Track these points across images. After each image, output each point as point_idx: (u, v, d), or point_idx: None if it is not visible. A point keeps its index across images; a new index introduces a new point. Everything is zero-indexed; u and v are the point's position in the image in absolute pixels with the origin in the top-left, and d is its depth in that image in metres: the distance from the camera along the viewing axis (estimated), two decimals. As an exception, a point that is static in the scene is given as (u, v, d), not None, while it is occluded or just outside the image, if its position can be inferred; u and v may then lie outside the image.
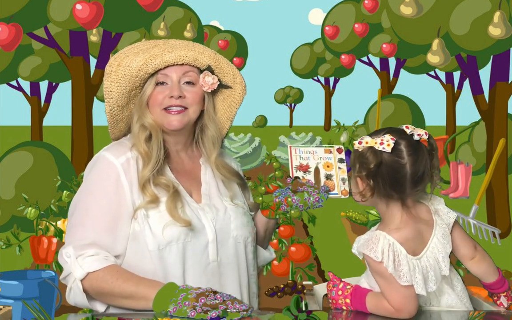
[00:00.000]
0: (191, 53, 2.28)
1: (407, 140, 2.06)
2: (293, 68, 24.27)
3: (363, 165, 2.08)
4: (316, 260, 6.38)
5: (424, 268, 2.07)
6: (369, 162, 2.06)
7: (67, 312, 2.13)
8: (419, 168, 2.06)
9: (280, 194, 2.34)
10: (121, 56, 2.28)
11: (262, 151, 13.19)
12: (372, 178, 2.07)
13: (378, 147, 2.05)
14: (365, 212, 6.38)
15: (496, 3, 7.50)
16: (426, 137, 2.09)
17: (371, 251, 2.05)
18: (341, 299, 2.14)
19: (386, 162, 2.05)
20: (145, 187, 2.22)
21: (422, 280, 2.05)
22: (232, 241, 2.31)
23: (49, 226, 4.92)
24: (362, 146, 2.09)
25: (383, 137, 2.06)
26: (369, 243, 2.06)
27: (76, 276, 2.18)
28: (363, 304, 2.11)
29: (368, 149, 2.07)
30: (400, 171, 2.05)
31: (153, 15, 8.94)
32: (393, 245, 2.05)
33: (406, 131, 2.08)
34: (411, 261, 2.05)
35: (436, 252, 2.10)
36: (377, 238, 2.06)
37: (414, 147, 2.06)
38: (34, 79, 13.66)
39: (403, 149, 2.05)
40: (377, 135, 2.10)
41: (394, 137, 2.06)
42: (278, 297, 4.36)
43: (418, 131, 2.08)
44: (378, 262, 2.03)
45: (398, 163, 2.05)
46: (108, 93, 2.28)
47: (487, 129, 8.51)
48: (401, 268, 2.03)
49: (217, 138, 2.37)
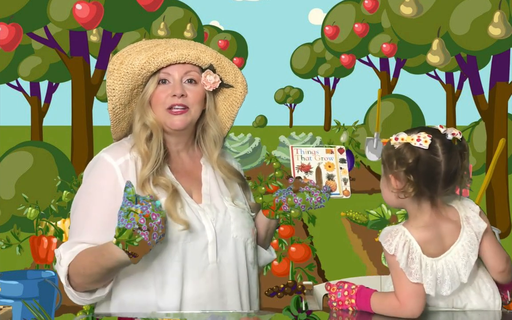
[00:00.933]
0: (193, 51, 2.28)
1: (441, 139, 2.08)
2: (293, 68, 24.27)
3: (401, 161, 2.08)
4: (316, 260, 6.38)
5: (439, 270, 2.08)
6: (407, 158, 2.07)
7: (67, 312, 2.13)
8: (452, 167, 2.08)
9: (282, 194, 2.34)
10: (123, 54, 2.29)
11: (262, 151, 13.19)
12: (412, 173, 2.07)
13: (415, 144, 2.06)
14: (365, 212, 6.38)
15: (496, 3, 7.50)
16: (459, 137, 2.10)
17: (386, 243, 2.08)
18: (347, 299, 2.15)
19: (423, 158, 2.06)
20: (144, 186, 2.22)
21: (433, 281, 2.06)
22: (232, 242, 2.31)
23: (49, 226, 4.92)
24: (398, 142, 2.09)
25: (419, 134, 2.07)
26: (387, 235, 2.10)
27: (62, 281, 2.18)
28: (367, 304, 2.12)
29: (404, 145, 2.08)
30: (436, 168, 2.06)
31: (153, 15, 8.94)
32: (409, 242, 2.08)
33: (440, 130, 2.09)
34: (425, 260, 2.07)
35: (457, 259, 2.10)
36: (396, 232, 2.09)
37: (448, 146, 2.08)
38: (34, 79, 13.66)
39: (438, 147, 2.07)
40: (411, 132, 2.11)
41: (429, 134, 2.07)
42: (278, 297, 4.36)
43: (452, 131, 2.09)
44: (390, 255, 2.06)
45: (434, 160, 2.06)
46: (111, 91, 2.28)
47: (487, 129, 8.52)
48: (413, 265, 2.05)
49: (218, 137, 2.37)
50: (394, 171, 2.10)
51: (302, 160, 2.40)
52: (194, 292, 2.24)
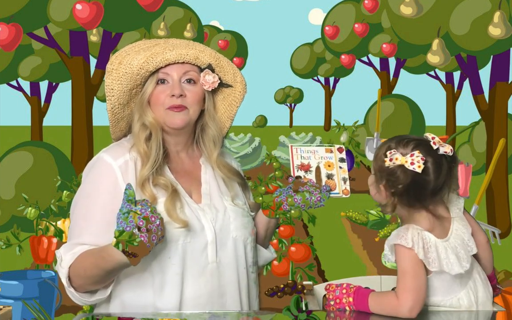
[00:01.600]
0: (192, 51, 2.28)
1: (433, 157, 2.12)
2: (293, 68, 24.27)
3: (391, 182, 2.13)
4: (316, 260, 6.38)
5: (454, 248, 2.13)
6: (399, 181, 2.12)
7: (67, 312, 2.14)
8: (441, 181, 2.13)
9: (282, 194, 2.34)
10: (122, 54, 2.29)
11: (262, 151, 13.18)
12: (400, 195, 2.13)
13: (408, 166, 2.10)
14: (365, 212, 6.39)
15: (496, 3, 7.50)
16: (451, 154, 2.14)
17: (402, 239, 2.10)
18: (345, 297, 2.16)
19: (414, 180, 2.11)
20: (144, 186, 2.22)
21: (456, 259, 2.11)
22: (232, 241, 2.31)
23: (49, 226, 4.92)
24: (392, 163, 2.12)
25: (414, 157, 2.10)
26: (399, 234, 2.12)
27: (63, 282, 2.18)
28: (365, 303, 2.13)
29: (398, 167, 2.12)
30: (425, 187, 2.12)
31: (153, 15, 8.94)
32: (421, 233, 2.12)
33: (433, 146, 2.12)
34: (441, 244, 2.12)
35: (461, 233, 2.17)
36: (406, 228, 2.13)
37: (439, 164, 2.12)
38: (34, 79, 13.65)
39: (430, 166, 2.11)
40: (404, 147, 2.14)
41: (422, 154, 2.10)
42: (278, 297, 4.36)
43: (444, 148, 2.13)
44: (408, 248, 2.08)
45: (424, 180, 2.11)
46: (110, 91, 2.28)
47: (487, 129, 8.51)
48: (430, 254, 2.10)
49: (218, 137, 2.37)
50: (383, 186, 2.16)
51: (302, 160, 2.41)
52: (194, 292, 2.24)
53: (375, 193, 2.21)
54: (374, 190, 2.21)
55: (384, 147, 2.18)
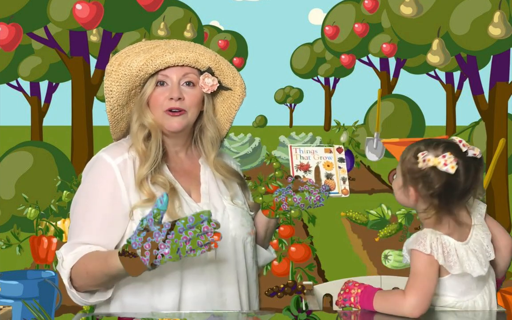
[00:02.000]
0: (191, 54, 2.28)
1: (463, 159, 2.12)
2: (293, 68, 24.28)
3: (428, 184, 2.13)
4: (316, 260, 6.38)
5: (473, 251, 2.14)
6: (434, 183, 2.12)
7: (67, 312, 2.14)
8: (468, 184, 2.14)
9: (281, 194, 2.34)
10: (122, 55, 2.29)
11: (262, 151, 13.19)
12: (437, 197, 2.13)
13: (442, 168, 2.11)
14: (365, 212, 6.38)
15: (496, 3, 7.49)
16: (479, 157, 2.15)
17: (420, 245, 2.10)
18: (354, 289, 2.17)
19: (448, 182, 2.12)
20: (142, 185, 2.23)
21: (476, 261, 2.12)
22: (231, 241, 2.31)
23: (49, 226, 4.92)
24: (425, 164, 2.13)
25: (447, 158, 2.11)
26: (417, 239, 2.13)
27: (64, 282, 2.18)
28: (370, 298, 2.13)
29: (431, 169, 2.12)
30: (456, 188, 2.13)
31: (153, 15, 8.94)
32: (440, 237, 2.12)
33: (462, 148, 2.13)
34: (461, 246, 2.13)
35: (480, 238, 2.18)
36: (425, 234, 2.13)
37: (468, 166, 2.13)
38: (34, 79, 13.66)
39: (460, 169, 2.12)
40: (435, 148, 2.14)
41: (453, 156, 2.11)
42: (278, 297, 4.37)
43: (473, 151, 2.14)
44: (427, 254, 2.09)
45: (456, 182, 2.12)
46: (109, 92, 2.29)
47: (487, 129, 8.51)
48: (450, 258, 2.10)
49: (216, 139, 2.37)
50: (419, 191, 2.15)
51: (301, 160, 2.41)
52: (193, 292, 2.24)
53: (403, 197, 2.21)
54: (402, 194, 2.20)
55: (412, 150, 2.18)
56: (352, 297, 2.16)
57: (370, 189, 11.67)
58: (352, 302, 2.15)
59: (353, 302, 2.15)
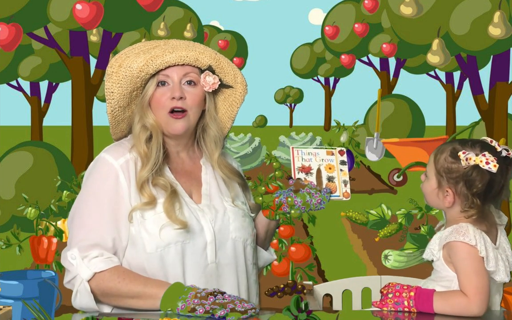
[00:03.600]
0: (192, 53, 2.28)
1: (498, 158, 2.11)
2: (293, 68, 24.29)
3: (470, 184, 2.11)
4: (316, 260, 6.38)
5: (501, 257, 2.14)
6: (477, 182, 2.10)
7: (67, 312, 2.13)
8: (502, 183, 2.13)
9: (282, 195, 2.34)
10: (122, 57, 2.28)
11: (262, 151, 13.18)
12: (479, 197, 2.11)
13: (484, 166, 2.09)
14: (365, 212, 6.38)
15: (496, 3, 7.50)
16: (511, 156, 2.14)
17: (464, 236, 2.08)
18: (406, 292, 2.12)
19: (490, 182, 2.11)
20: (143, 187, 2.23)
21: (503, 266, 2.11)
22: (231, 242, 2.31)
23: (49, 226, 4.92)
24: (467, 162, 2.10)
25: (487, 157, 2.09)
26: (459, 230, 2.10)
27: (83, 277, 2.18)
28: (429, 301, 2.09)
29: (473, 168, 2.10)
30: (494, 187, 2.12)
31: (153, 15, 8.94)
32: (481, 233, 2.11)
33: (497, 147, 2.12)
34: (494, 249, 2.12)
35: (504, 246, 2.18)
36: (466, 226, 2.11)
37: (503, 165, 2.12)
38: (34, 79, 13.67)
39: (498, 168, 2.11)
40: (472, 147, 2.13)
41: (495, 157, 2.10)
42: (278, 297, 4.36)
43: (506, 150, 2.13)
44: (472, 246, 2.07)
45: (495, 180, 2.11)
46: (110, 94, 2.28)
47: (487, 129, 8.51)
48: (490, 253, 2.09)
49: (219, 137, 2.37)
50: (459, 190, 2.12)
51: (303, 162, 2.40)
52: (194, 292, 2.23)
53: (436, 199, 2.18)
54: (436, 196, 2.18)
55: (447, 150, 2.15)
56: (405, 300, 2.11)
57: (370, 189, 11.66)
58: (406, 305, 2.10)
59: (406, 305, 2.10)
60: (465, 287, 2.07)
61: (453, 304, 2.07)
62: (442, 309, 2.08)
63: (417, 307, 2.10)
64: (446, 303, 2.08)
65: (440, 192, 2.16)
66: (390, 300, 2.13)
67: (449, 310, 2.07)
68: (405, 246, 4.85)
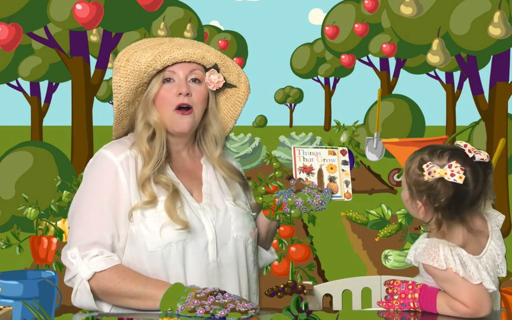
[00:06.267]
0: (198, 51, 2.29)
1: (470, 165, 2.03)
2: (293, 68, 24.29)
3: (433, 197, 2.04)
4: (316, 260, 6.38)
5: (485, 267, 2.06)
6: (440, 195, 2.03)
7: (67, 312, 2.13)
8: (478, 191, 2.05)
9: (283, 195, 2.33)
10: (129, 51, 2.28)
11: (262, 151, 13.18)
12: (442, 210, 2.04)
13: (449, 179, 2.02)
14: (365, 212, 6.38)
15: (496, 3, 7.50)
16: (487, 161, 2.06)
17: (434, 261, 2.03)
18: (411, 293, 2.09)
19: (455, 193, 2.03)
20: (144, 186, 2.22)
21: (488, 276, 2.03)
22: (232, 241, 2.31)
23: (49, 226, 4.92)
24: (431, 176, 2.03)
25: (453, 168, 2.02)
26: (429, 252, 2.04)
27: (83, 276, 2.18)
28: (433, 302, 2.07)
29: (437, 180, 2.03)
30: (465, 197, 2.04)
31: (153, 15, 8.94)
32: (454, 249, 2.04)
33: (468, 154, 2.04)
34: (473, 260, 2.04)
35: (494, 254, 2.10)
36: (437, 246, 2.04)
37: (476, 172, 2.04)
38: (34, 79, 13.66)
39: (468, 176, 2.03)
40: (439, 158, 2.05)
41: (460, 164, 2.02)
42: (278, 297, 4.36)
43: (480, 155, 2.05)
44: (443, 270, 2.01)
45: (464, 191, 2.03)
46: (117, 87, 2.28)
47: (487, 129, 8.51)
48: (468, 268, 2.02)
49: (220, 136, 2.37)
50: (424, 203, 2.07)
51: (304, 161, 2.39)
52: (194, 292, 2.23)
53: (412, 210, 2.12)
54: (410, 207, 2.12)
55: (416, 160, 2.09)
56: (411, 302, 2.09)
57: (370, 189, 11.67)
58: (411, 307, 2.09)
59: (412, 307, 2.09)
60: (464, 303, 2.03)
61: (458, 311, 2.04)
62: (446, 312, 2.05)
63: (422, 308, 2.08)
64: (450, 309, 2.05)
65: (413, 203, 2.11)
66: (396, 301, 2.11)
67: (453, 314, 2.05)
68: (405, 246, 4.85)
